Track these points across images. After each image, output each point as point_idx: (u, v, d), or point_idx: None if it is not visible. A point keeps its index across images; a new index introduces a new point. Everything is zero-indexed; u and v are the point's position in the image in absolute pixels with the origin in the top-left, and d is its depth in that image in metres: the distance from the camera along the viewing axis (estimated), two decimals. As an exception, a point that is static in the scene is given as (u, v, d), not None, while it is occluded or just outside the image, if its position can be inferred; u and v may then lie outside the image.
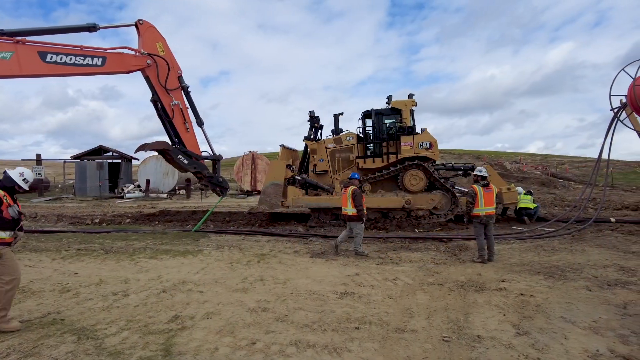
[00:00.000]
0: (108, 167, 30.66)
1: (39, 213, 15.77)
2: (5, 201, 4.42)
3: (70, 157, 32.35)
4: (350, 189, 8.46)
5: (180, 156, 10.67)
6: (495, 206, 7.71)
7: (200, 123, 11.14)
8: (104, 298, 5.47)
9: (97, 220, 13.95)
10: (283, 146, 14.26)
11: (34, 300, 5.42)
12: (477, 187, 7.67)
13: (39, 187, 27.94)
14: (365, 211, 8.48)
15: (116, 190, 29.50)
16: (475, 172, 8.08)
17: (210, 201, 22.81)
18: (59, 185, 35.62)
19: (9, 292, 4.39)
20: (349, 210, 8.41)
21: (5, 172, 4.67)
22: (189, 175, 21.69)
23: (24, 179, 4.68)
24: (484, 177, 7.81)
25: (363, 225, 8.49)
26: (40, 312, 4.92)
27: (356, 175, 9.00)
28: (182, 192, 28.41)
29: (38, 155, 29.91)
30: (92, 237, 10.56)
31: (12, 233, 4.46)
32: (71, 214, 15.68)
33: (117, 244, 9.52)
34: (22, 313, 4.89)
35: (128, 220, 14.13)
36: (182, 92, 10.93)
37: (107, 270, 7.09)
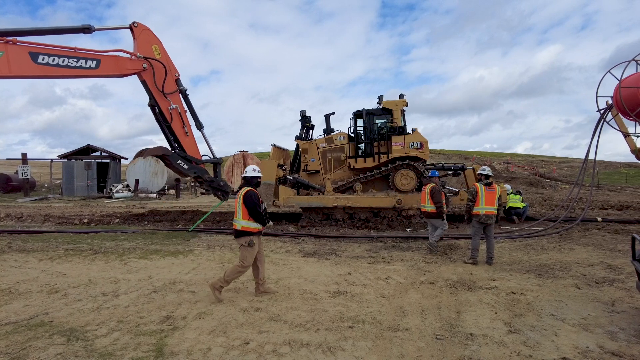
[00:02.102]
0: (96, 166, 30.18)
1: (25, 213, 15.45)
2: (260, 198, 5.22)
3: (58, 156, 31.78)
4: (429, 186, 8.42)
5: (180, 161, 10.49)
6: (497, 207, 7.53)
7: (199, 126, 10.94)
8: (94, 299, 5.39)
9: (85, 221, 13.73)
10: (274, 146, 14.22)
11: (21, 301, 5.30)
12: (479, 186, 7.53)
13: (24, 186, 27.40)
14: (445, 208, 8.39)
15: (104, 190, 29.10)
16: (479, 171, 7.95)
17: (199, 201, 22.65)
18: (46, 185, 34.94)
19: (238, 274, 5.19)
20: (428, 207, 8.40)
21: (245, 177, 5.36)
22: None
23: (257, 171, 5.44)
24: (487, 176, 7.67)
25: (445, 221, 8.41)
26: (28, 314, 4.81)
27: (435, 173, 8.93)
28: (172, 192, 28.18)
29: (24, 155, 29.28)
30: (81, 238, 10.39)
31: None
32: (58, 214, 15.39)
33: (106, 244, 9.38)
34: (9, 315, 4.78)
35: (117, 220, 13.94)
36: (180, 95, 10.71)
37: (96, 270, 6.98)
